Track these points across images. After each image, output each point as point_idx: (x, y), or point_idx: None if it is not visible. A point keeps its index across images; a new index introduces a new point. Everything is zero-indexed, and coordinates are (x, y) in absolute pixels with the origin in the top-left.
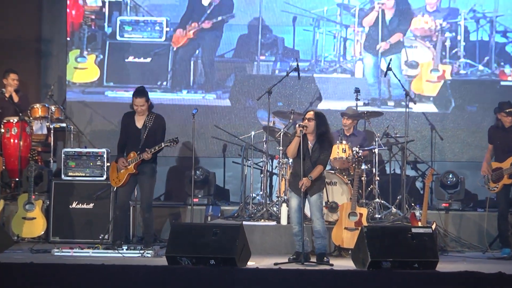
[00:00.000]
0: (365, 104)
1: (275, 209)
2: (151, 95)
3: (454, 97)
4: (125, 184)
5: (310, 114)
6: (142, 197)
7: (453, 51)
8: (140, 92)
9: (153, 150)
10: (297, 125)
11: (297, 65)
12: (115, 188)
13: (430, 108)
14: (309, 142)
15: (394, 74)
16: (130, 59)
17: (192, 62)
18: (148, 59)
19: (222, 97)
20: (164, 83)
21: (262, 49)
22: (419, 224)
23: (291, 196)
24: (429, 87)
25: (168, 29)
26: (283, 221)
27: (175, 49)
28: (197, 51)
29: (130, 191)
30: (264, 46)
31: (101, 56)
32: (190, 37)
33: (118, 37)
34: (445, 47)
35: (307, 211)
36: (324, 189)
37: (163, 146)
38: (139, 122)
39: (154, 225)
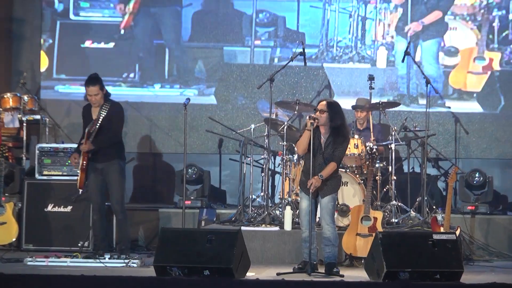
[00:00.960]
0: (396, 99)
1: (278, 212)
2: (116, 90)
3: (504, 93)
4: (82, 184)
5: (323, 105)
6: (112, 198)
7: (503, 34)
8: (93, 80)
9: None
10: (307, 117)
11: (303, 49)
12: (80, 191)
13: (473, 106)
14: (321, 135)
15: (413, 59)
16: (88, 44)
17: (167, 50)
18: (111, 45)
19: (205, 93)
20: (132, 75)
21: (257, 32)
22: (442, 229)
23: (301, 196)
24: (472, 80)
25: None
26: (287, 226)
27: (122, 31)
28: (160, 33)
29: (100, 191)
30: (260, 28)
31: (50, 41)
32: (133, 12)
33: (72, 16)
34: (493, 28)
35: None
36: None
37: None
38: (95, 114)
39: (141, 231)
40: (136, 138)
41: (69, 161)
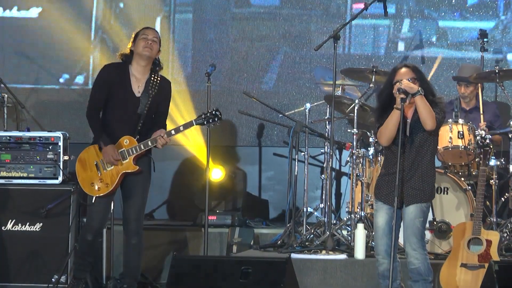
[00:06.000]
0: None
1: (345, 233)
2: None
3: None
4: (115, 191)
5: (408, 72)
6: (130, 212)
7: None
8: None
9: (174, 132)
10: (395, 86)
11: None
12: (94, 198)
13: None
14: (407, 118)
15: None
16: None
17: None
18: (34, 12)
19: None
20: (80, 77)
21: None
22: None
23: (378, 208)
24: None
25: None
26: (359, 254)
27: None
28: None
29: (109, 204)
30: None
31: None
32: None
33: None
34: None
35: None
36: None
37: (194, 124)
38: (137, 84)
39: (143, 260)
40: None
41: (37, 157)
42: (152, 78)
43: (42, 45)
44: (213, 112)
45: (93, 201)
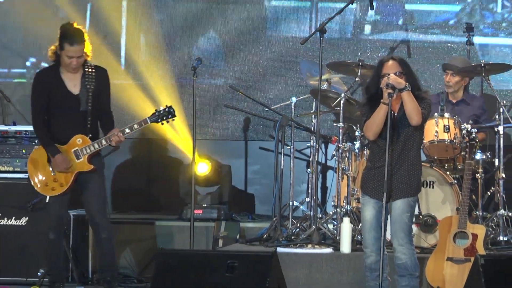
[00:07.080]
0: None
1: (331, 227)
2: None
3: None
4: (70, 189)
5: (394, 65)
6: (92, 208)
7: None
8: (79, 35)
9: (128, 130)
10: (383, 81)
11: None
12: (48, 198)
13: None
14: (394, 112)
15: None
16: None
17: None
18: None
19: None
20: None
21: None
22: None
23: (365, 202)
24: None
25: None
26: (345, 248)
27: None
28: None
29: (64, 199)
30: None
31: None
32: None
33: None
34: None
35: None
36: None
37: (149, 122)
38: (73, 83)
39: (130, 254)
40: (120, 116)
41: (23, 151)
42: (86, 71)
43: (9, 28)
44: (167, 110)
45: (47, 201)
